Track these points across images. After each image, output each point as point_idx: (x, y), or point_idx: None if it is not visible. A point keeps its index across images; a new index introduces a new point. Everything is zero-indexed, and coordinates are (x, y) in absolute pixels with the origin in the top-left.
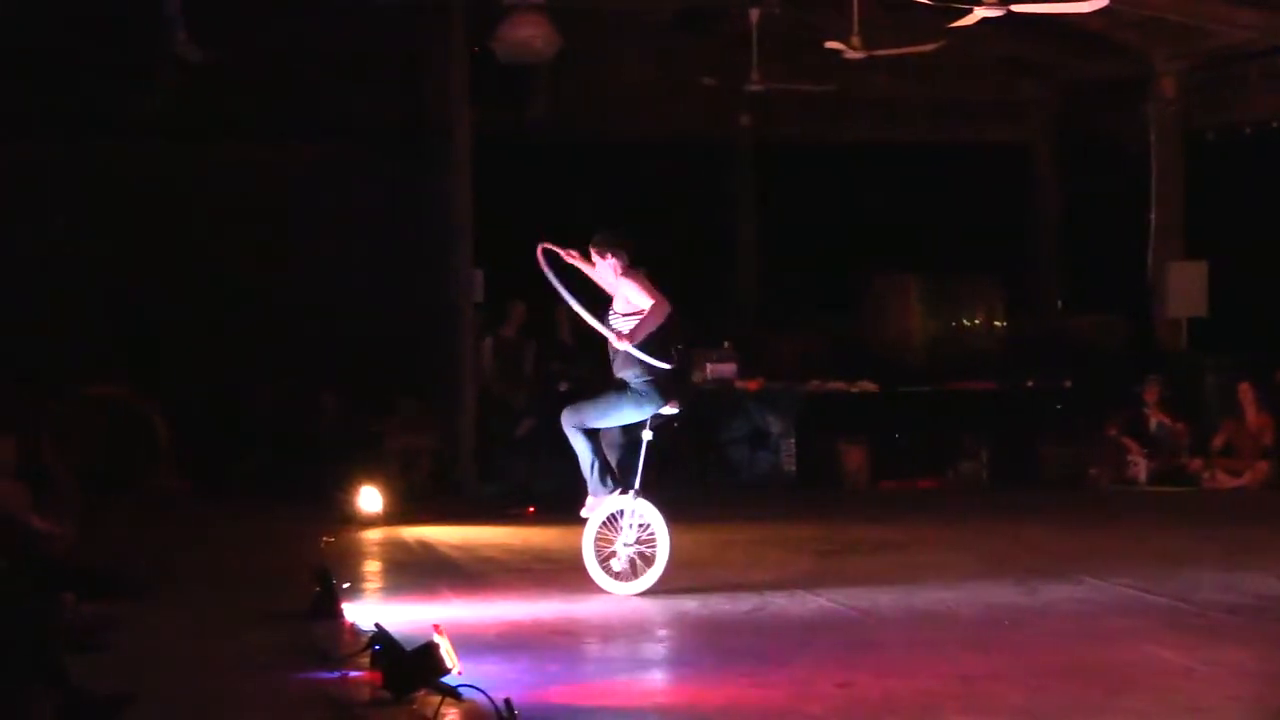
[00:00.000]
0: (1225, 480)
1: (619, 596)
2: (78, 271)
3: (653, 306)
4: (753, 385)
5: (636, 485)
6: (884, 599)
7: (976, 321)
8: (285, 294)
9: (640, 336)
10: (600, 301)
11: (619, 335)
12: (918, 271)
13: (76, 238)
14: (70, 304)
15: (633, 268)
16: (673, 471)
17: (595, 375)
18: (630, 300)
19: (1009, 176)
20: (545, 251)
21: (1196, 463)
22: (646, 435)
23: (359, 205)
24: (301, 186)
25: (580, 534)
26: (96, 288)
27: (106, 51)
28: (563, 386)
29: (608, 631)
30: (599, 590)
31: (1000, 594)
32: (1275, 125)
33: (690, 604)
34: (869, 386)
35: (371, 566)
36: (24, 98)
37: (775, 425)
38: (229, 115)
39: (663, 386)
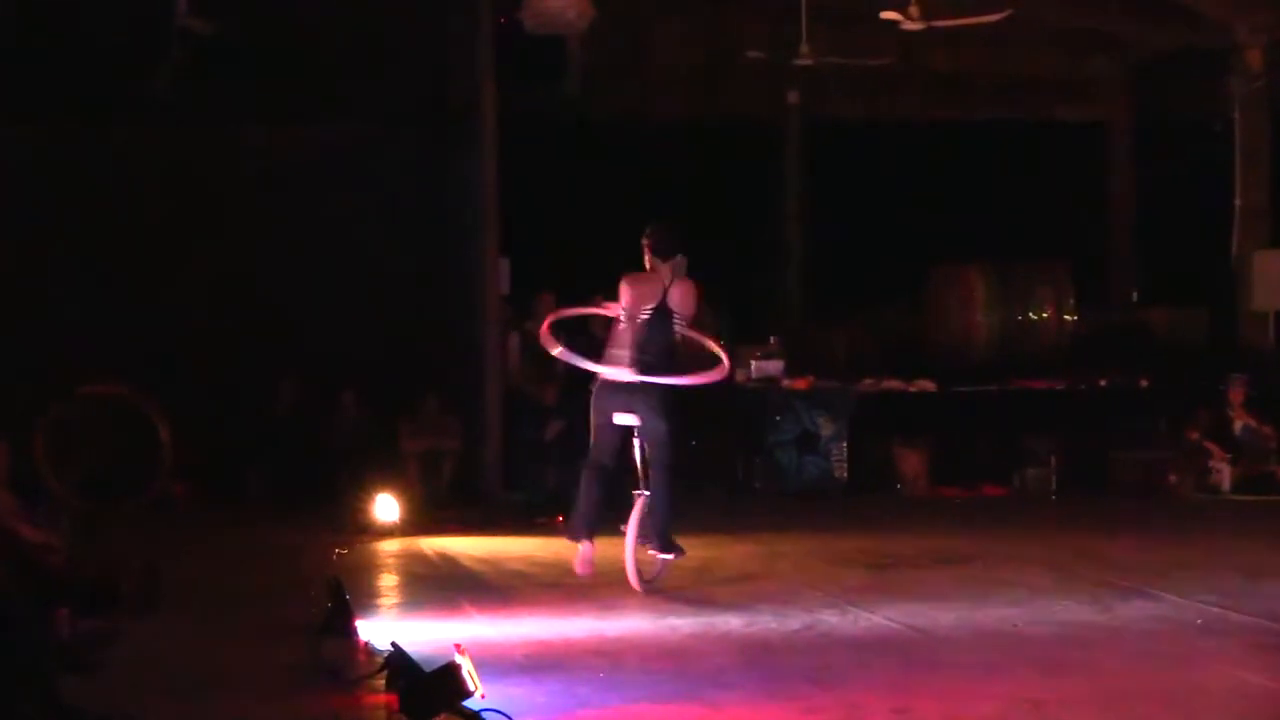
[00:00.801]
0: None
1: (655, 614)
2: (80, 264)
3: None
4: (801, 384)
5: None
6: (944, 617)
7: (1044, 315)
8: (299, 284)
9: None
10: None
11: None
12: (981, 260)
13: (77, 229)
14: (72, 299)
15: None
16: (716, 478)
17: None
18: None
19: (1080, 157)
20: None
21: None
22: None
23: (377, 190)
24: (316, 171)
25: (614, 544)
26: (99, 281)
27: (108, 27)
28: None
29: (643, 651)
30: (634, 607)
31: (1071, 611)
32: None
33: (734, 621)
34: (927, 385)
35: (388, 580)
36: (22, 81)
37: (826, 428)
38: (238, 96)
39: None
